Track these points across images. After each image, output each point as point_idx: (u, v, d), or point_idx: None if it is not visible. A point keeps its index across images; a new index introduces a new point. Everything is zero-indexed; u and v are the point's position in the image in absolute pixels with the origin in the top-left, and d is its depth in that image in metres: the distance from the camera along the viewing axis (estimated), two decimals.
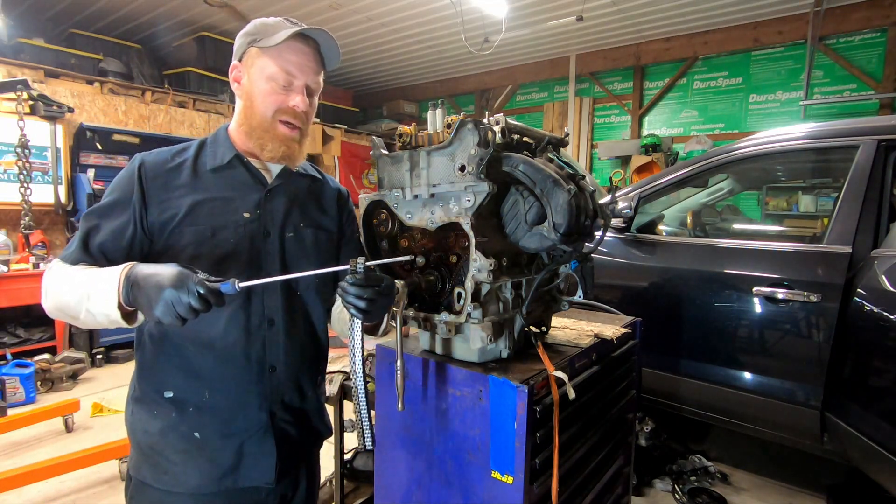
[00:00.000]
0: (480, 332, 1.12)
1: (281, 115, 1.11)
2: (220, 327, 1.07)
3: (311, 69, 1.13)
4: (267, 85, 1.09)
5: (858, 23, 5.24)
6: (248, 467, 1.11)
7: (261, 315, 1.11)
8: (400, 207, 1.18)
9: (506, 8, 5.35)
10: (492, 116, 1.17)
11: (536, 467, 1.07)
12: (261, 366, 1.11)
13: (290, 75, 1.10)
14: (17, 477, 2.30)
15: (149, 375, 1.11)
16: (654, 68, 6.70)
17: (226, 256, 1.07)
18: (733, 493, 2.53)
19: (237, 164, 1.14)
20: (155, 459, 1.09)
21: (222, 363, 1.08)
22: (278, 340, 1.13)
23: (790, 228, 5.21)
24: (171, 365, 1.08)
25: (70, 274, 0.97)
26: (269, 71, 1.09)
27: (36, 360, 3.73)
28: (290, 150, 1.13)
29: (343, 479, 2.11)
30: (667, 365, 2.42)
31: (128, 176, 1.08)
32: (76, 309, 0.93)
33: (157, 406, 1.09)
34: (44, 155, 4.49)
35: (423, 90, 8.76)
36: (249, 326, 1.09)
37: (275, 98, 1.10)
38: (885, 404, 1.76)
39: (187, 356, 1.08)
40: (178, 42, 6.47)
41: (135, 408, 1.13)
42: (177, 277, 0.83)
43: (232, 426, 1.09)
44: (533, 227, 1.08)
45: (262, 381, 1.11)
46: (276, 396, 1.13)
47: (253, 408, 1.10)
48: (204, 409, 1.08)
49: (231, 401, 1.09)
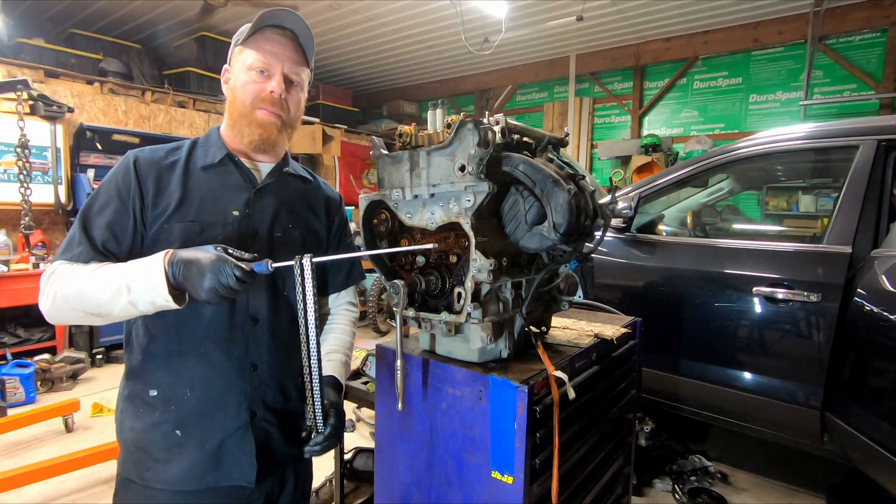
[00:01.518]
0: (480, 332, 1.12)
1: (259, 103, 1.12)
2: (204, 324, 1.08)
3: (288, 57, 1.14)
4: (246, 75, 1.12)
5: (858, 23, 5.24)
6: (228, 466, 1.10)
7: (245, 313, 1.11)
8: (400, 207, 1.18)
9: (506, 8, 5.35)
10: (492, 116, 1.17)
11: (536, 467, 1.07)
12: (242, 364, 1.11)
13: (266, 62, 1.12)
14: (17, 477, 2.30)
15: (136, 374, 1.12)
16: (654, 68, 6.70)
17: None
18: (733, 493, 2.53)
19: (228, 162, 1.15)
20: (139, 456, 1.10)
21: (204, 361, 1.09)
22: (262, 339, 1.13)
23: (790, 228, 5.22)
24: (157, 363, 1.09)
25: (91, 272, 0.97)
26: (248, 62, 1.12)
27: (36, 360, 3.73)
28: (266, 133, 1.14)
29: (343, 479, 2.11)
30: (667, 365, 2.42)
31: (123, 171, 1.09)
32: (110, 305, 0.95)
33: (143, 404, 1.10)
34: (44, 155, 4.49)
35: (423, 90, 8.76)
36: (233, 324, 1.10)
37: (253, 87, 1.12)
38: (885, 404, 1.76)
39: (171, 354, 1.09)
40: (178, 42, 6.47)
41: (123, 406, 1.14)
42: (215, 265, 0.89)
43: (211, 425, 1.09)
44: (533, 227, 1.08)
45: (242, 380, 1.11)
46: (258, 396, 1.13)
47: (233, 406, 1.10)
48: (185, 407, 1.08)
49: (212, 399, 1.09)
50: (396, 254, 1.23)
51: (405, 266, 1.22)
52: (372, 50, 7.06)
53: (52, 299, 0.98)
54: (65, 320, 1.04)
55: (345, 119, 7.87)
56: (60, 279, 0.98)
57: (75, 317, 1.00)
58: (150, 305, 0.94)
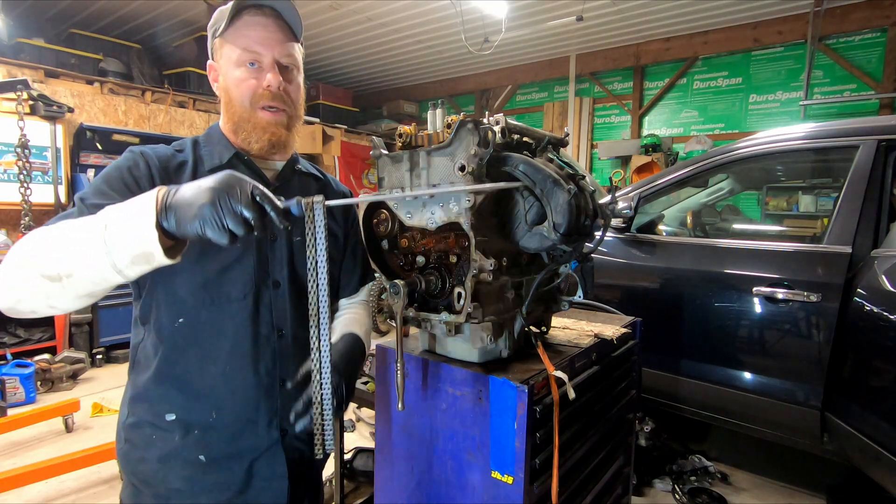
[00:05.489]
0: (480, 332, 1.12)
1: (259, 102, 1.02)
2: (228, 340, 1.00)
3: (275, 40, 1.02)
4: (237, 72, 1.01)
5: (858, 23, 5.24)
6: (259, 490, 1.03)
7: (269, 324, 1.04)
8: (400, 207, 1.18)
9: (506, 8, 5.35)
10: (492, 116, 1.16)
11: (536, 467, 1.07)
12: (271, 379, 1.03)
13: (253, 53, 1.00)
14: (17, 477, 2.30)
15: (146, 398, 1.01)
16: (654, 68, 6.70)
17: (233, 262, 1.01)
18: (733, 493, 2.53)
19: (237, 163, 1.06)
20: (156, 489, 1.00)
21: (230, 379, 1.00)
22: (289, 352, 1.06)
23: (790, 228, 5.22)
24: (173, 384, 0.99)
25: (66, 225, 0.77)
26: (234, 56, 1.01)
27: (36, 360, 3.73)
28: (275, 135, 1.05)
29: (343, 479, 2.11)
30: (667, 365, 2.42)
31: (131, 164, 0.97)
32: (77, 255, 0.72)
33: (157, 430, 1.00)
34: (44, 155, 4.48)
35: (423, 90, 8.76)
36: (258, 337, 1.02)
37: (247, 84, 1.01)
38: (885, 404, 1.76)
39: (190, 373, 0.99)
40: (178, 42, 6.47)
41: (129, 434, 1.03)
42: (228, 178, 0.72)
43: (240, 445, 1.01)
44: (533, 227, 1.08)
45: (272, 397, 1.03)
46: (287, 412, 1.02)
47: (262, 425, 1.03)
48: (209, 430, 1.00)
49: (240, 419, 1.01)
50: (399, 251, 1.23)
51: (405, 266, 1.22)
52: (372, 50, 7.06)
53: (3, 269, 0.78)
54: (9, 302, 0.78)
55: (345, 119, 7.87)
56: (28, 242, 0.78)
57: (24, 288, 0.75)
58: (127, 252, 0.71)
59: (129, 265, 0.73)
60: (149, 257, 0.72)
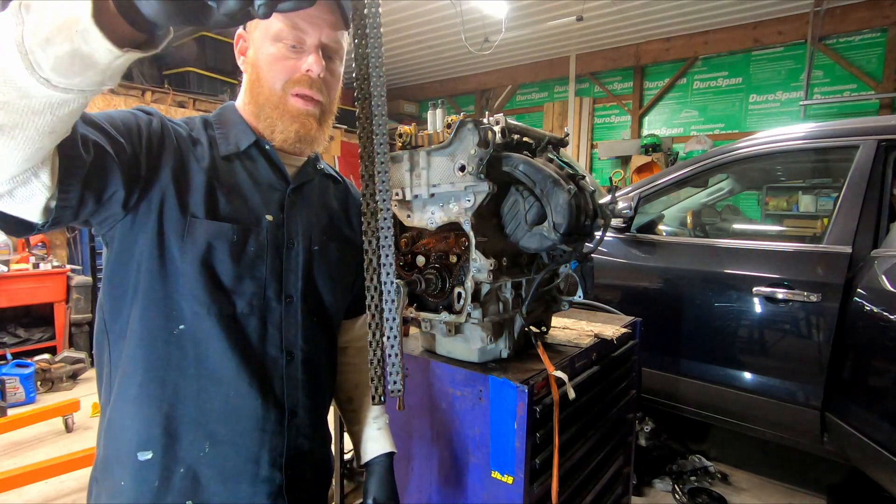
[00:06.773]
0: (480, 332, 1.12)
1: (293, 88, 0.87)
2: (233, 365, 0.83)
3: (326, 22, 0.86)
4: (273, 47, 0.86)
5: (858, 23, 5.25)
6: None
7: (278, 346, 0.89)
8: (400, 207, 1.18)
9: (506, 8, 5.35)
10: (492, 116, 1.17)
11: (536, 467, 1.07)
12: (279, 411, 0.88)
13: (299, 30, 0.85)
14: (17, 477, 2.30)
15: (120, 430, 0.82)
16: (654, 68, 6.70)
17: (246, 267, 0.86)
18: (733, 493, 2.53)
19: (257, 153, 0.91)
20: None
21: (232, 406, 0.84)
22: (297, 378, 0.91)
23: (790, 228, 5.21)
24: (152, 413, 0.80)
25: None
26: (274, 29, 0.85)
27: (36, 360, 3.73)
28: (305, 128, 0.89)
29: (343, 479, 2.11)
30: (667, 365, 2.42)
31: (150, 121, 0.84)
32: None
33: (127, 474, 0.81)
34: None
35: (423, 90, 8.76)
36: (265, 359, 0.87)
37: (283, 64, 0.86)
38: (885, 404, 1.76)
39: (177, 399, 0.82)
40: (178, 42, 6.47)
41: (97, 486, 0.85)
42: None
43: (237, 489, 0.85)
44: (533, 227, 1.08)
45: (279, 432, 0.88)
46: (293, 449, 0.90)
47: (265, 465, 0.87)
48: (200, 469, 0.83)
49: (240, 457, 0.85)
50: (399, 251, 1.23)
51: (405, 266, 1.22)
52: None
53: None
54: None
55: (345, 119, 7.87)
56: None
57: None
58: (45, 18, 0.48)
59: (43, 44, 0.47)
60: (79, 28, 0.46)
